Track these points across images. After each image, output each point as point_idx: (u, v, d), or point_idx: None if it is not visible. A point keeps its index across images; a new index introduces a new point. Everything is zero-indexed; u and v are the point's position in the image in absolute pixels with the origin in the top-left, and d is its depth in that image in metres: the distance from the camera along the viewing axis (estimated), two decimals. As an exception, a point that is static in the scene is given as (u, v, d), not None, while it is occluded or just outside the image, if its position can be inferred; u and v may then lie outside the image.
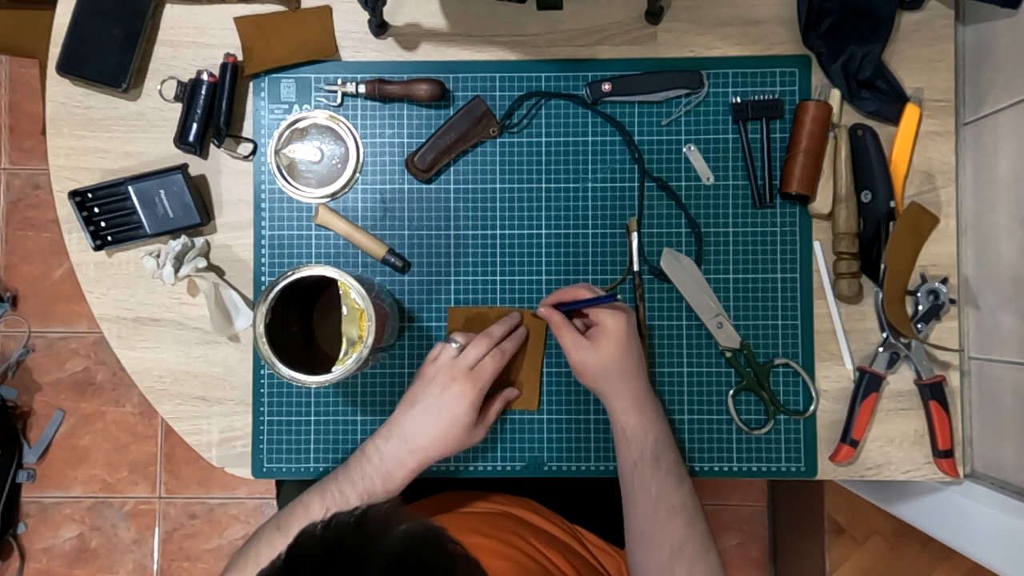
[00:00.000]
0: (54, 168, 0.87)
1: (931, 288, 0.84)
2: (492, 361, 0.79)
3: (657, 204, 0.87)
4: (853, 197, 0.84)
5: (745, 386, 0.86)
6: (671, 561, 0.73)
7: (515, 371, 0.86)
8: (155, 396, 0.88)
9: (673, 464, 0.77)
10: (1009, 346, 0.80)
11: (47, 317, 1.79)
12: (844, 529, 1.34)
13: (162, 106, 0.87)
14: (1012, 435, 0.80)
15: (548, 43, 0.87)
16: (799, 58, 0.86)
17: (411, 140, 0.87)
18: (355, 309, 0.74)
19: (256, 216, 0.88)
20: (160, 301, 0.88)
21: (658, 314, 0.87)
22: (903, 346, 0.84)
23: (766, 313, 0.86)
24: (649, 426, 0.77)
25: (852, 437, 0.84)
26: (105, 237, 0.86)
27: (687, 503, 0.75)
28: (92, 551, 1.79)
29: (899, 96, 0.85)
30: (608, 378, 0.78)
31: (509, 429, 0.87)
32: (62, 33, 0.85)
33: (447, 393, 0.76)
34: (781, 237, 0.86)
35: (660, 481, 0.75)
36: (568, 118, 0.87)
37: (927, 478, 0.86)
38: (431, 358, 0.79)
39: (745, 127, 0.86)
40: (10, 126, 1.80)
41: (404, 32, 0.88)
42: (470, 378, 0.77)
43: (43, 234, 1.80)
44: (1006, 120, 0.80)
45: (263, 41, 0.86)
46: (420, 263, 0.88)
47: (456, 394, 0.76)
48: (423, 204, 0.88)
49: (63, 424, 1.79)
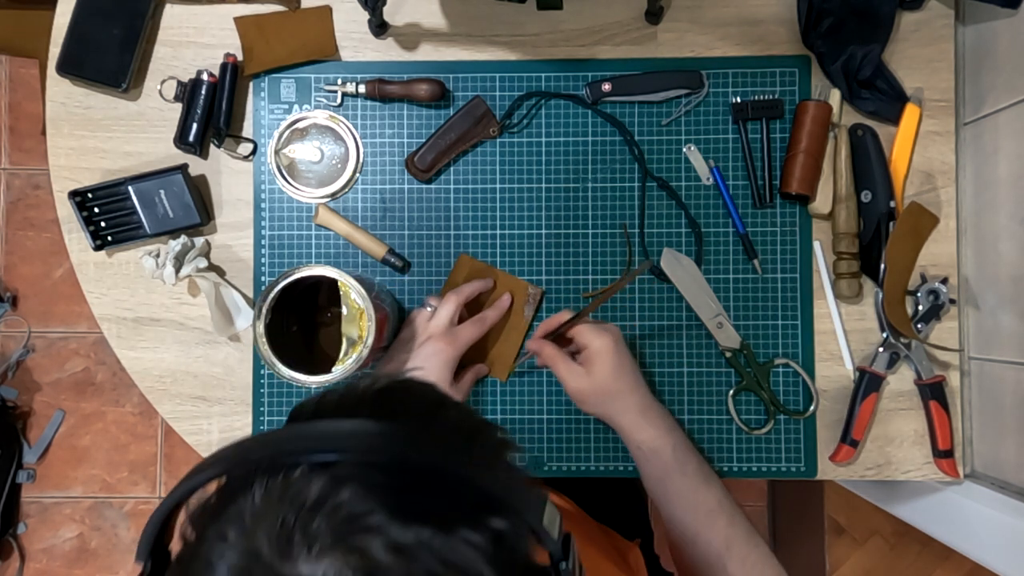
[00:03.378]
0: (54, 168, 0.87)
1: (931, 288, 0.84)
2: (472, 327, 0.80)
3: (657, 204, 0.87)
4: (853, 197, 0.84)
5: (745, 386, 0.86)
6: (721, 560, 0.72)
7: (492, 341, 0.86)
8: (155, 396, 0.88)
9: (698, 467, 0.76)
10: (1009, 346, 0.80)
11: (47, 317, 1.79)
12: (844, 529, 1.34)
13: (162, 106, 0.87)
14: (1012, 435, 0.80)
15: (548, 43, 0.87)
16: (799, 58, 0.86)
17: (411, 140, 0.87)
18: (355, 309, 0.74)
19: (256, 216, 0.88)
20: (160, 301, 0.88)
21: (658, 314, 0.87)
22: (903, 346, 0.84)
23: (766, 313, 0.86)
24: (665, 437, 0.76)
25: (852, 437, 0.84)
26: (105, 237, 0.86)
27: (722, 502, 0.75)
28: (92, 551, 1.79)
29: (899, 96, 0.85)
30: (609, 399, 0.77)
31: (509, 429, 0.87)
32: (62, 33, 0.85)
33: (423, 348, 0.77)
34: (781, 237, 0.86)
35: (690, 488, 0.75)
36: (568, 118, 0.87)
37: (927, 478, 0.86)
38: (407, 323, 0.81)
39: (745, 127, 0.86)
40: (10, 126, 1.80)
41: (404, 32, 0.88)
42: (446, 336, 0.78)
43: (43, 234, 1.80)
44: (1006, 120, 0.80)
45: (263, 41, 0.86)
46: (420, 263, 0.88)
47: (432, 350, 0.77)
48: (423, 204, 0.88)
49: (63, 424, 1.79)
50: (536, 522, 0.38)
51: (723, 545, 0.73)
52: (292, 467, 0.36)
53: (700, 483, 0.75)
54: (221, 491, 0.38)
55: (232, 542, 0.35)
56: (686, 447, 0.77)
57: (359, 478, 0.36)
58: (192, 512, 0.38)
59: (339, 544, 0.34)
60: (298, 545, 0.34)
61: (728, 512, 0.74)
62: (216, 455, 0.39)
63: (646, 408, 0.77)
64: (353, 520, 0.35)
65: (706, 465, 0.78)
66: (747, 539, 0.73)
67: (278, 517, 0.35)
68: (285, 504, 0.35)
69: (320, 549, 0.34)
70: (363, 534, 0.34)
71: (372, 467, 0.37)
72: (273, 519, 0.35)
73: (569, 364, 0.78)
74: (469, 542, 0.36)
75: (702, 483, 0.75)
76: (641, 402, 0.77)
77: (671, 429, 0.77)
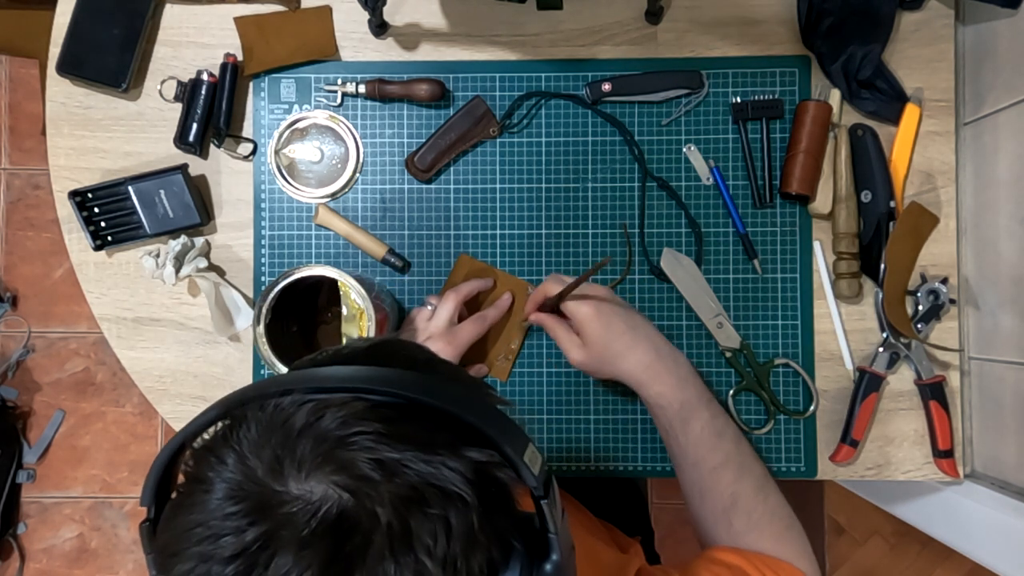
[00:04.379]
0: (54, 168, 0.87)
1: (931, 288, 0.84)
2: (472, 325, 0.80)
3: (657, 204, 0.87)
4: (853, 197, 0.84)
5: (745, 386, 0.86)
6: (727, 515, 0.72)
7: (493, 340, 0.86)
8: (155, 396, 0.88)
9: (707, 423, 0.74)
10: (1009, 346, 0.80)
11: (47, 317, 1.79)
12: (844, 529, 1.34)
13: (162, 106, 0.87)
14: (1012, 435, 0.80)
15: (548, 43, 0.87)
16: (799, 58, 0.86)
17: (411, 140, 0.87)
18: (355, 309, 0.74)
19: (256, 216, 0.88)
20: (160, 301, 0.88)
21: (658, 314, 0.87)
22: (903, 346, 0.84)
23: (766, 313, 0.86)
24: (672, 393, 0.74)
25: (852, 437, 0.84)
26: (105, 237, 0.86)
27: (730, 457, 0.73)
28: (92, 551, 1.79)
29: (899, 96, 0.85)
30: (607, 364, 0.76)
31: (509, 429, 0.87)
32: (62, 33, 0.85)
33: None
34: (781, 237, 0.86)
35: (695, 444, 0.74)
36: (568, 118, 0.87)
37: (927, 478, 0.86)
38: (407, 322, 0.81)
39: (745, 127, 0.86)
40: (10, 126, 1.80)
41: (404, 32, 0.88)
42: (446, 336, 0.78)
43: (43, 234, 1.80)
44: (1006, 120, 0.80)
45: (263, 41, 0.86)
46: (420, 263, 0.88)
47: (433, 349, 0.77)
48: (423, 204, 0.88)
49: (63, 424, 1.79)
50: (516, 456, 0.40)
51: (729, 500, 0.72)
52: (285, 398, 0.39)
53: (706, 440, 0.74)
54: (220, 428, 0.41)
55: (230, 466, 0.38)
56: (696, 403, 0.75)
57: (348, 407, 0.39)
58: (193, 449, 0.41)
59: (326, 463, 0.37)
60: (288, 466, 0.37)
61: (736, 466, 0.73)
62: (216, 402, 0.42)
63: (649, 364, 0.75)
64: (340, 441, 0.37)
65: (720, 418, 0.75)
66: (755, 493, 0.73)
67: (271, 442, 0.38)
68: (277, 431, 0.38)
69: (310, 469, 0.37)
70: (349, 451, 0.37)
71: (362, 400, 0.39)
72: (267, 444, 0.38)
73: (569, 334, 0.77)
74: (450, 466, 0.38)
75: (709, 440, 0.74)
76: (643, 359, 0.75)
77: (680, 384, 0.75)
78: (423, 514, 0.37)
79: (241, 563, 0.35)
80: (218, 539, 0.36)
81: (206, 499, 0.37)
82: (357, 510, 0.36)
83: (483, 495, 0.39)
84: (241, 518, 0.36)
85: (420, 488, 0.37)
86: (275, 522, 0.36)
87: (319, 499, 0.36)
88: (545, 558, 0.41)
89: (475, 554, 0.38)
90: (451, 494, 0.38)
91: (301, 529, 0.35)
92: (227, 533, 0.36)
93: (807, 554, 0.72)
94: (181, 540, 0.37)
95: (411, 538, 0.36)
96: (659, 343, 0.76)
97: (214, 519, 0.36)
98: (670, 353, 0.76)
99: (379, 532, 0.36)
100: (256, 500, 0.36)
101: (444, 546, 0.37)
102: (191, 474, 0.39)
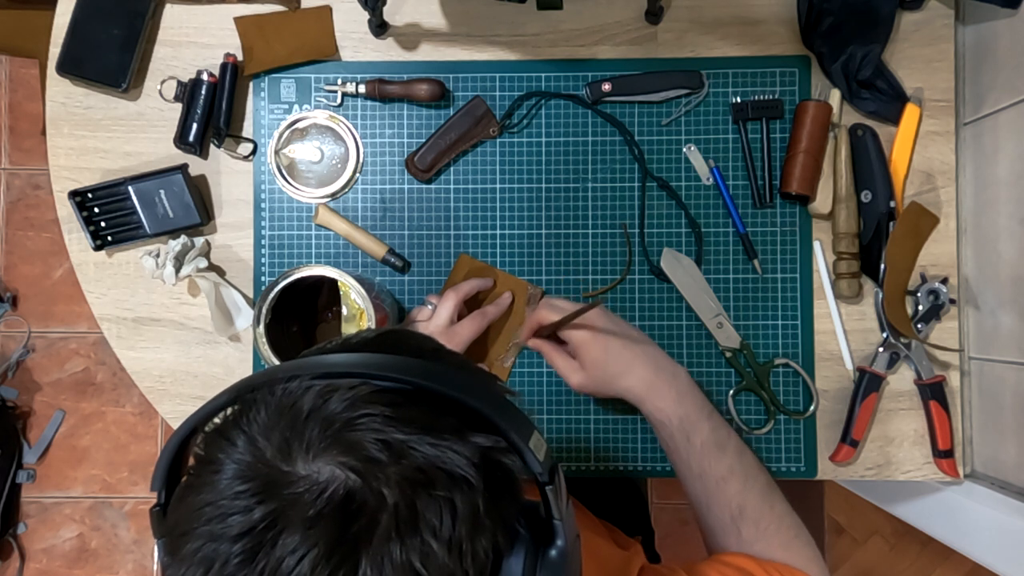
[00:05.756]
0: (54, 168, 0.87)
1: (931, 288, 0.84)
2: (472, 322, 0.80)
3: (657, 204, 0.87)
4: (853, 197, 0.84)
5: (745, 386, 0.86)
6: (735, 524, 0.73)
7: (493, 340, 0.86)
8: (155, 396, 0.88)
9: (708, 436, 0.74)
10: (1009, 346, 0.80)
11: (47, 317, 1.79)
12: (844, 529, 1.34)
13: (162, 106, 0.87)
14: (1012, 435, 0.80)
15: (548, 43, 0.87)
16: (799, 58, 0.86)
17: (411, 140, 0.87)
18: (355, 309, 0.74)
19: (256, 216, 0.88)
20: (160, 301, 0.88)
21: (658, 314, 0.87)
22: (903, 346, 0.84)
23: (766, 313, 0.86)
24: (671, 408, 0.74)
25: (852, 437, 0.84)
26: (105, 237, 0.86)
27: (734, 468, 0.73)
28: (92, 551, 1.79)
29: (899, 96, 0.85)
30: (609, 383, 0.77)
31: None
32: (62, 33, 0.85)
33: None
34: (781, 237, 0.86)
35: (698, 457, 0.74)
36: (568, 118, 0.87)
37: (927, 478, 0.86)
38: (407, 321, 0.81)
39: (745, 127, 0.86)
40: (10, 126, 1.80)
41: (404, 32, 0.88)
42: (446, 334, 0.78)
43: (43, 234, 1.80)
44: (1006, 120, 0.80)
45: (263, 41, 0.86)
46: (420, 263, 0.88)
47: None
48: (423, 204, 0.88)
49: (63, 424, 1.79)
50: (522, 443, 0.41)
51: (736, 510, 0.73)
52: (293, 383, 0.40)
53: (709, 453, 0.74)
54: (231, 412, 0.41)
55: (240, 448, 0.38)
56: (696, 416, 0.75)
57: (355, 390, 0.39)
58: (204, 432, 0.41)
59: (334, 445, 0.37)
60: (297, 448, 0.37)
61: (741, 477, 0.73)
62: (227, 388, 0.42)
63: (650, 382, 0.75)
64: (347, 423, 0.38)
65: (721, 430, 0.75)
66: (762, 501, 0.73)
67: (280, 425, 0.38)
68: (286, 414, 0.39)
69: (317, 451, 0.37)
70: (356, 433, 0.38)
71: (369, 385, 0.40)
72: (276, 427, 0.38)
73: (566, 360, 0.78)
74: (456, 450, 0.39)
75: (712, 453, 0.74)
76: (643, 377, 0.75)
77: (679, 398, 0.75)
78: (429, 496, 0.37)
79: (248, 541, 0.36)
80: (226, 518, 0.36)
81: (216, 479, 0.38)
82: (364, 491, 0.36)
83: (489, 479, 0.39)
84: (249, 497, 0.36)
85: (426, 470, 0.38)
86: (283, 501, 0.36)
87: (326, 480, 0.36)
88: (550, 544, 0.41)
89: (480, 537, 0.38)
90: (457, 477, 0.38)
91: (308, 509, 0.36)
92: (235, 512, 0.36)
93: (816, 559, 0.73)
94: (190, 519, 0.38)
95: (417, 519, 0.37)
96: (658, 357, 0.77)
97: (223, 498, 0.37)
98: (669, 367, 0.77)
99: (385, 513, 0.36)
100: (264, 480, 0.37)
101: (450, 528, 0.37)
102: (202, 456, 0.40)
